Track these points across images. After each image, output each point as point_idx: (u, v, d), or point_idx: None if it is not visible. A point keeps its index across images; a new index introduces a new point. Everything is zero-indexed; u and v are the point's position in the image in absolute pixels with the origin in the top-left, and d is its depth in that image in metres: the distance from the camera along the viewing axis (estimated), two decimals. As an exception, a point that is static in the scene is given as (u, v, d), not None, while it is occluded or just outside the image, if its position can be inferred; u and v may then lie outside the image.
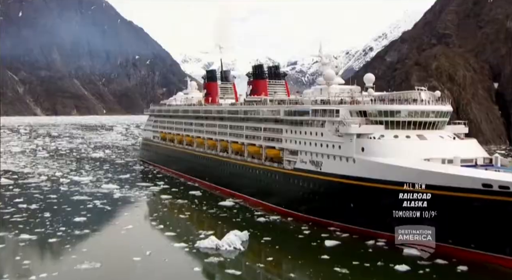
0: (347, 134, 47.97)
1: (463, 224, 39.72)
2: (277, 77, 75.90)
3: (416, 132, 47.10)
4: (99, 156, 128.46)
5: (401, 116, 47.20)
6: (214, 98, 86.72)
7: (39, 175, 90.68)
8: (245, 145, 69.00)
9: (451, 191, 39.06)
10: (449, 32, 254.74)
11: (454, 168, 41.09)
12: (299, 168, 55.65)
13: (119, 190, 75.20)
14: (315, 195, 53.13)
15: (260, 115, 64.94)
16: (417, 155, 43.97)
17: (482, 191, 37.80)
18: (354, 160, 47.35)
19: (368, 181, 45.54)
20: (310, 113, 54.02)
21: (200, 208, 63.49)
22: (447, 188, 39.12)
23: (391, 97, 48.82)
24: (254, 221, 55.85)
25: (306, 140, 54.65)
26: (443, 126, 49.13)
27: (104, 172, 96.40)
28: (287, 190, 58.20)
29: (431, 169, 40.48)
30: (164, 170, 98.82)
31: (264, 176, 63.32)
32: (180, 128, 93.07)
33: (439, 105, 48.47)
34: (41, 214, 58.19)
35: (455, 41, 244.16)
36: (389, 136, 46.76)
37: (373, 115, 48.25)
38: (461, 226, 39.82)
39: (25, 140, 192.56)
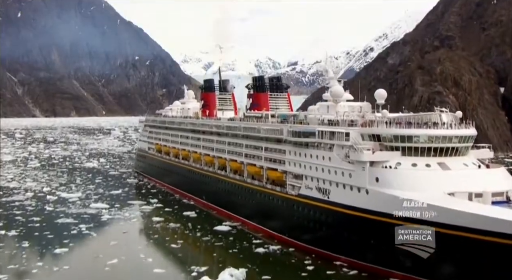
0: (359, 162, 42.53)
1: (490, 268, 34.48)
2: (279, 90, 70.39)
3: (436, 160, 41.59)
4: (92, 166, 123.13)
5: (420, 142, 41.73)
6: (212, 110, 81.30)
7: (26, 191, 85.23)
8: (245, 164, 63.60)
9: (482, 235, 33.67)
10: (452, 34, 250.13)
11: (487, 208, 35.52)
12: (304, 195, 50.29)
13: (108, 211, 69.82)
14: (322, 226, 47.83)
15: (261, 134, 59.46)
16: (439, 188, 38.59)
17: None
18: (367, 191, 41.96)
19: (382, 216, 40.18)
20: (316, 135, 48.58)
21: (194, 234, 58.20)
22: (478, 231, 33.73)
23: (409, 119, 43.31)
24: (252, 253, 50.55)
25: (312, 165, 49.25)
26: (467, 152, 43.58)
27: (95, 187, 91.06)
28: (290, 217, 52.91)
29: (457, 207, 35.05)
30: (159, 184, 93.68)
31: (265, 199, 57.97)
32: (175, 141, 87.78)
33: (463, 129, 42.89)
34: (19, 243, 52.77)
35: (458, 44, 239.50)
36: (406, 164, 41.31)
37: (388, 140, 42.78)
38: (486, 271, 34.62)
39: (19, 146, 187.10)
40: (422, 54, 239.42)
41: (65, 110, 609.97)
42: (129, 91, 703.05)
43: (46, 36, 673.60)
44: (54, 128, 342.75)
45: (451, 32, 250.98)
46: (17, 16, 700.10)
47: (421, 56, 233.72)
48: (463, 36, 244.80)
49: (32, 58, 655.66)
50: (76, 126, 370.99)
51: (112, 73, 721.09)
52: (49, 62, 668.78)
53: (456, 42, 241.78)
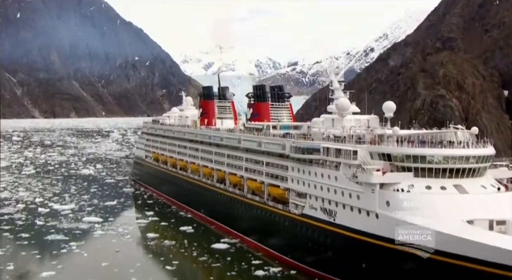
0: (368, 184, 39.25)
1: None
2: (281, 99, 66.96)
3: (452, 182, 38.26)
4: (88, 173, 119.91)
5: (435, 162, 38.39)
6: (211, 119, 77.97)
7: (17, 202, 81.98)
8: (245, 178, 60.35)
9: (509, 272, 30.43)
10: (454, 35, 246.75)
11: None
12: (308, 215, 47.06)
13: (101, 225, 66.70)
14: (327, 249, 44.61)
15: (262, 148, 56.13)
16: (457, 215, 35.30)
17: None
18: (377, 215, 38.71)
19: (394, 243, 36.93)
20: (321, 152, 45.27)
21: (190, 254, 55.07)
22: (505, 267, 30.46)
23: (422, 138, 39.98)
24: (251, 276, 47.44)
25: (317, 183, 45.97)
26: (484, 173, 40.22)
27: (90, 197, 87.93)
28: (292, 237, 49.75)
29: (480, 239, 31.78)
30: (156, 194, 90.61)
31: (266, 217, 54.78)
32: (173, 151, 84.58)
33: (481, 149, 39.49)
34: (3, 266, 49.53)
35: (461, 45, 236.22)
36: (420, 186, 37.97)
37: (400, 159, 39.39)
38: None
39: (15, 150, 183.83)
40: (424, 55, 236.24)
41: (65, 111, 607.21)
42: (129, 92, 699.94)
43: (46, 37, 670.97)
44: (53, 130, 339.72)
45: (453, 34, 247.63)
46: (17, 16, 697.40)
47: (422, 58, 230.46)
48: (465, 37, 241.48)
49: (31, 59, 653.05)
50: (75, 128, 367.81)
51: (111, 73, 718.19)
52: (48, 63, 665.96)
53: (458, 44, 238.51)
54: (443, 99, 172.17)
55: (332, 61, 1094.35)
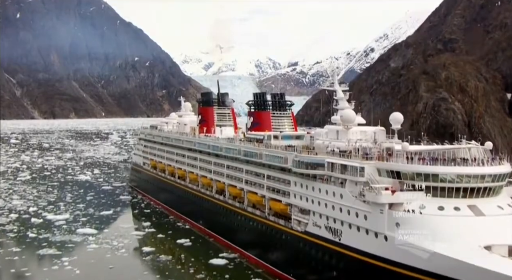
0: (377, 204, 36.78)
1: None
2: (283, 108, 64.38)
3: (466, 202, 35.80)
4: (85, 179, 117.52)
5: (448, 181, 35.97)
6: (210, 127, 75.40)
7: (10, 211, 79.50)
8: (245, 191, 57.87)
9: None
10: (456, 37, 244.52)
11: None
12: (312, 233, 44.60)
13: (95, 238, 64.24)
14: (332, 269, 42.11)
15: (263, 160, 53.61)
16: (473, 240, 32.80)
17: None
18: (385, 238, 36.25)
19: (405, 268, 34.59)
20: (325, 167, 42.79)
21: (186, 270, 52.71)
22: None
23: (433, 154, 37.50)
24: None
25: (321, 200, 43.49)
26: (500, 191, 37.78)
27: (86, 206, 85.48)
28: (295, 255, 47.33)
29: (502, 270, 29.28)
30: (153, 202, 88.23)
31: (267, 232, 52.31)
32: (171, 159, 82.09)
33: (497, 166, 37.05)
34: (-9, 287, 47.27)
35: (462, 47, 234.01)
36: (432, 207, 35.47)
37: (410, 177, 36.91)
38: None
39: (12, 154, 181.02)
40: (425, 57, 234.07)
41: (64, 111, 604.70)
42: (128, 93, 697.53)
43: (45, 37, 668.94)
44: (51, 132, 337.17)
45: (455, 35, 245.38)
46: (16, 17, 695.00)
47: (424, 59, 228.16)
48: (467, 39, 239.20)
49: (31, 60, 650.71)
50: (74, 130, 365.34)
51: (111, 74, 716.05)
52: (48, 64, 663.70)
53: (459, 45, 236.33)
54: (446, 102, 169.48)
55: (332, 61, 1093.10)
